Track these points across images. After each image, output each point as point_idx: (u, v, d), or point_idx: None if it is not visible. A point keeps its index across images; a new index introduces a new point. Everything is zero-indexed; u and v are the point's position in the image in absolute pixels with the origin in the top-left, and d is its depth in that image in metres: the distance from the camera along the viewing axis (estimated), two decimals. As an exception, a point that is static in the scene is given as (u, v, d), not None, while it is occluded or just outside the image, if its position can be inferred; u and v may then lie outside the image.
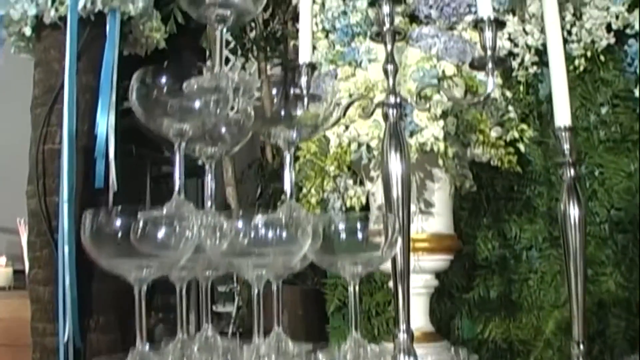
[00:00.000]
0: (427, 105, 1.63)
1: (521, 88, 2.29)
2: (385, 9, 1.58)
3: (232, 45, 4.57)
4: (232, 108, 1.41)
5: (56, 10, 2.68)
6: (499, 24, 1.49)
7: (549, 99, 2.16)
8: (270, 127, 1.37)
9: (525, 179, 2.31)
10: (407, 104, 1.56)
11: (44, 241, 2.74)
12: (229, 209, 3.99)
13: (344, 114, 1.62)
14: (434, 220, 1.93)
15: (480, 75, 1.84)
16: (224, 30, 1.49)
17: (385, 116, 1.51)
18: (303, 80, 1.68)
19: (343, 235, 1.32)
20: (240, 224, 1.22)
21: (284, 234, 1.20)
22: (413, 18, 2.22)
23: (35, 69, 2.87)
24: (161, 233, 1.21)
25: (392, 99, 1.52)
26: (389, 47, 1.55)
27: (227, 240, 1.21)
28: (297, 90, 1.58)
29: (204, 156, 1.58)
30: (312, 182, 1.93)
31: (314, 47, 2.38)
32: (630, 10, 2.23)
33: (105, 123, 2.71)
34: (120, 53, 2.83)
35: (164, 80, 1.35)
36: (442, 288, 2.11)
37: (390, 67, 1.54)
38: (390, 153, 1.44)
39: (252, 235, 1.20)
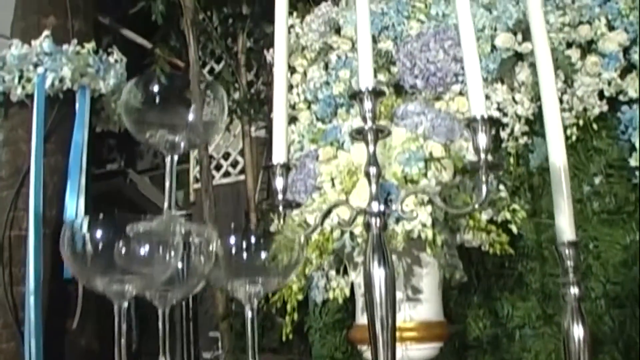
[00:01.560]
0: (415, 215, 1.52)
1: (511, 160, 2.20)
2: (367, 104, 1.41)
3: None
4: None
5: (23, 88, 2.60)
6: (494, 123, 1.39)
7: (541, 170, 2.10)
8: (230, 278, 1.19)
9: (517, 255, 2.20)
10: (391, 211, 1.43)
11: (10, 334, 2.60)
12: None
13: (322, 223, 1.50)
14: (422, 307, 1.84)
15: (469, 155, 1.75)
16: (175, 159, 1.31)
17: (367, 226, 1.37)
18: (278, 182, 1.54)
19: None
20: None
21: None
22: (398, 88, 2.15)
23: (2, 149, 2.78)
24: None
25: (374, 207, 1.38)
26: (370, 147, 1.39)
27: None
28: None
29: (155, 300, 1.37)
30: (292, 269, 1.83)
31: (295, 119, 2.30)
32: (622, 76, 2.15)
33: (74, 207, 2.57)
34: (93, 129, 2.73)
35: (99, 233, 1.14)
36: (432, 370, 2.01)
37: (372, 169, 1.39)
38: (373, 265, 1.31)
39: None
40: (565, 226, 1.64)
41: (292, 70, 2.43)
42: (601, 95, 2.16)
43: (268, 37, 3.78)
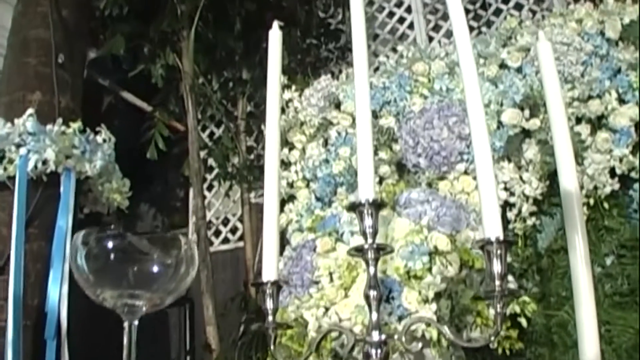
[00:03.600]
0: (419, 346, 1.42)
1: (519, 242, 2.11)
2: (368, 220, 1.27)
3: (215, 172, 4.50)
4: None
5: (4, 169, 2.49)
6: (509, 245, 1.27)
7: (550, 252, 2.01)
8: None
9: (525, 340, 2.10)
10: (391, 339, 1.31)
11: None
12: (210, 348, 3.84)
13: (316, 348, 1.40)
14: (425, 408, 1.72)
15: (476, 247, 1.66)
16: (135, 324, 1.19)
17: (367, 356, 1.25)
18: (268, 303, 1.42)
19: None
20: None
21: None
22: (400, 167, 2.07)
23: (-18, 233, 2.66)
24: None
25: (375, 336, 1.25)
26: (371, 268, 1.27)
27: None
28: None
29: None
30: (287, 368, 1.73)
31: (294, 197, 2.22)
32: (634, 152, 2.07)
33: (57, 296, 2.43)
34: (81, 209, 2.63)
35: None
36: None
37: (373, 293, 1.27)
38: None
39: None
40: (589, 347, 1.49)
41: (290, 146, 2.36)
42: (612, 172, 2.08)
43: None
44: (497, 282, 1.23)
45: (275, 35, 1.52)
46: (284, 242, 2.18)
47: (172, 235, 1.23)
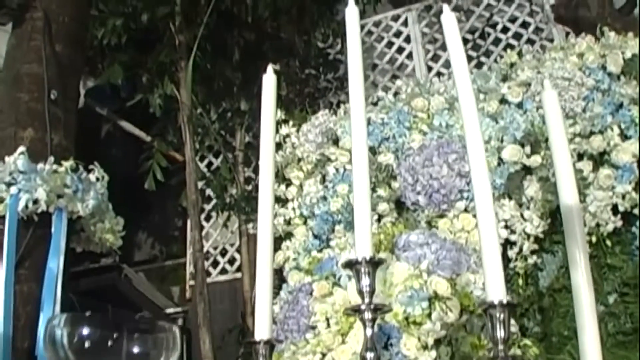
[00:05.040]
0: None
1: (520, 281, 2.08)
2: (365, 280, 1.25)
3: (212, 203, 4.49)
4: None
5: (-6, 209, 2.45)
6: (511, 308, 1.23)
7: (551, 290, 1.98)
8: None
9: (528, 381, 2.07)
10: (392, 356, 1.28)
11: None
12: (207, 384, 3.81)
13: None
14: None
15: (477, 291, 1.62)
16: None
17: None
18: None
19: None
20: None
21: None
22: (399, 205, 2.04)
23: (-29, 274, 2.60)
24: None
25: None
26: (368, 330, 1.22)
27: None
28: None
29: None
30: (284, 413, 1.69)
31: (291, 234, 2.19)
32: (637, 189, 2.03)
33: None
34: (73, 249, 2.59)
35: None
36: None
37: (370, 355, 1.21)
38: None
39: None
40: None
41: (287, 182, 2.33)
42: (615, 209, 2.04)
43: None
44: (500, 347, 1.19)
45: (269, 80, 1.49)
46: (281, 280, 2.15)
47: (155, 322, 1.19)
